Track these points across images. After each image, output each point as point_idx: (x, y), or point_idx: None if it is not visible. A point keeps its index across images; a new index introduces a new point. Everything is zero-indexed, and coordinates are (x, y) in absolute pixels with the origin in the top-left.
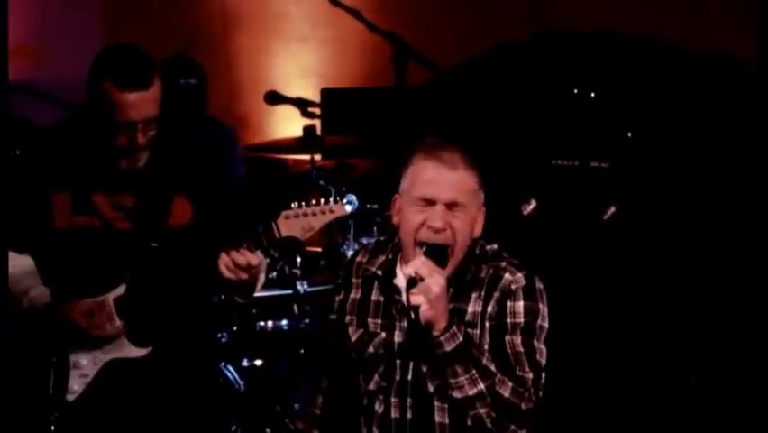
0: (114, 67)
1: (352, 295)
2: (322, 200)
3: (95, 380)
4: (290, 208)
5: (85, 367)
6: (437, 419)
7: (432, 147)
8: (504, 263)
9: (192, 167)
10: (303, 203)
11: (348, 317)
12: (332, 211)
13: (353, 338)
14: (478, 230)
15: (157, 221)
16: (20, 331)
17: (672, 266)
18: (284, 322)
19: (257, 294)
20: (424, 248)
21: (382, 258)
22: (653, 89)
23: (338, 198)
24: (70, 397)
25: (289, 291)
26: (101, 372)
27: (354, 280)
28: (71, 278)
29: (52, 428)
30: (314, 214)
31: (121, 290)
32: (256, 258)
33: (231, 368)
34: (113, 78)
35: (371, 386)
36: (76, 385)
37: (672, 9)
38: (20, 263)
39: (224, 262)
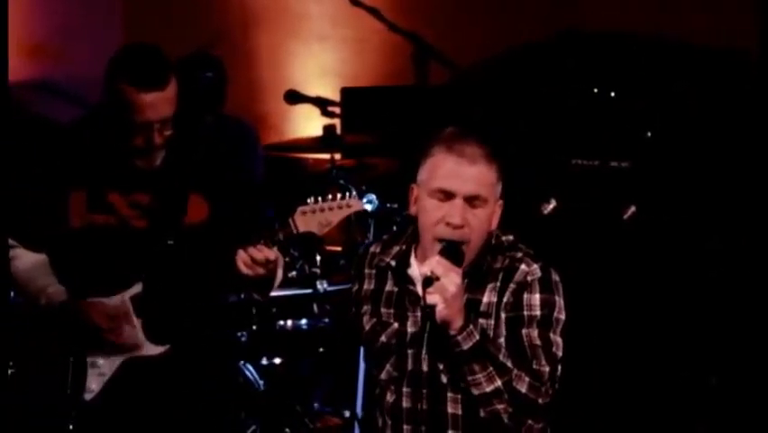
0: (130, 67)
1: (365, 286)
2: (338, 195)
3: (112, 378)
4: (306, 204)
5: (102, 366)
6: (450, 410)
7: (452, 140)
8: (520, 254)
9: (208, 165)
10: (319, 198)
11: (363, 308)
12: (348, 206)
13: (366, 328)
14: (495, 223)
15: (173, 219)
16: (29, 330)
17: (693, 265)
18: (304, 321)
19: (276, 293)
20: (441, 245)
21: (396, 249)
22: (671, 89)
23: (354, 193)
24: (88, 396)
25: (309, 290)
26: (118, 370)
27: (367, 271)
28: (87, 276)
29: (71, 427)
30: (330, 209)
31: (137, 288)
32: (273, 253)
33: (250, 367)
34: (129, 79)
35: (383, 376)
36: (93, 384)
37: (674, 6)
38: (36, 261)
39: (241, 258)
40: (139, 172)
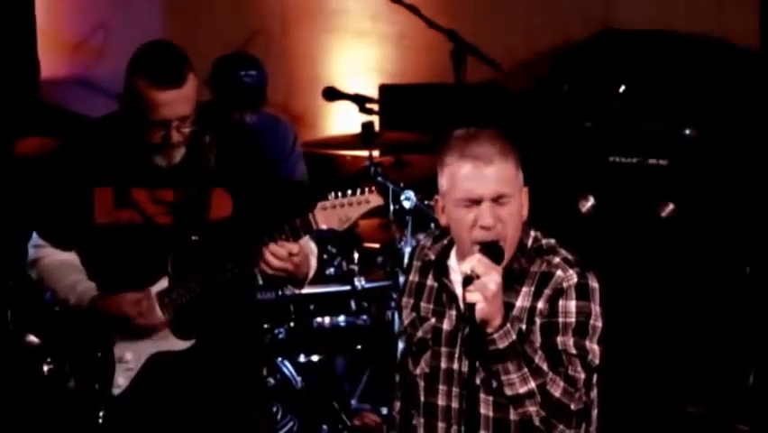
0: (148, 65)
1: (411, 278)
2: (358, 190)
3: (140, 373)
4: (327, 199)
5: (130, 361)
6: (482, 411)
7: (463, 143)
8: (558, 259)
9: (232, 160)
10: (339, 193)
11: (405, 300)
12: (368, 201)
13: (406, 321)
14: (525, 211)
15: (196, 215)
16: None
17: (730, 262)
18: (341, 318)
19: (314, 290)
20: (479, 246)
21: (441, 243)
22: (712, 87)
23: (372, 189)
24: (116, 391)
25: (347, 287)
26: (146, 365)
27: (415, 263)
28: (115, 273)
29: (100, 421)
30: (350, 204)
31: (163, 283)
32: (295, 246)
33: (288, 364)
34: (147, 77)
35: (417, 371)
36: (121, 379)
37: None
38: (64, 259)
39: (264, 258)
40: (161, 169)
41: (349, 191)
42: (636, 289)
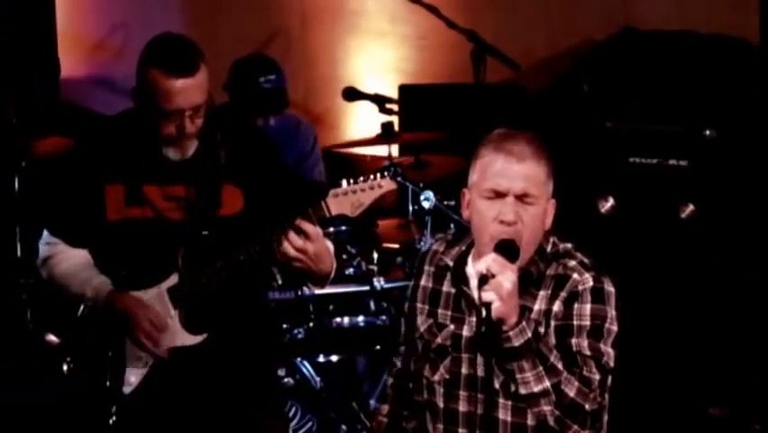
0: (160, 55)
1: (422, 283)
2: (371, 176)
3: (152, 371)
4: (339, 186)
5: (142, 358)
6: (500, 416)
7: (500, 140)
8: (573, 263)
9: (244, 157)
10: (351, 180)
11: (419, 306)
12: (380, 186)
13: (422, 328)
14: (548, 222)
15: (208, 210)
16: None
17: (752, 264)
18: (360, 318)
19: (333, 290)
20: (495, 242)
21: (457, 249)
22: (732, 88)
23: (385, 173)
24: (128, 389)
25: (366, 287)
26: (158, 362)
27: (427, 268)
28: (126, 269)
29: (112, 420)
30: (362, 190)
31: (174, 279)
32: (312, 228)
33: (307, 364)
34: (160, 66)
35: (436, 377)
36: (133, 377)
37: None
38: (78, 256)
39: (287, 238)
40: (172, 164)
41: (361, 178)
42: (656, 290)
